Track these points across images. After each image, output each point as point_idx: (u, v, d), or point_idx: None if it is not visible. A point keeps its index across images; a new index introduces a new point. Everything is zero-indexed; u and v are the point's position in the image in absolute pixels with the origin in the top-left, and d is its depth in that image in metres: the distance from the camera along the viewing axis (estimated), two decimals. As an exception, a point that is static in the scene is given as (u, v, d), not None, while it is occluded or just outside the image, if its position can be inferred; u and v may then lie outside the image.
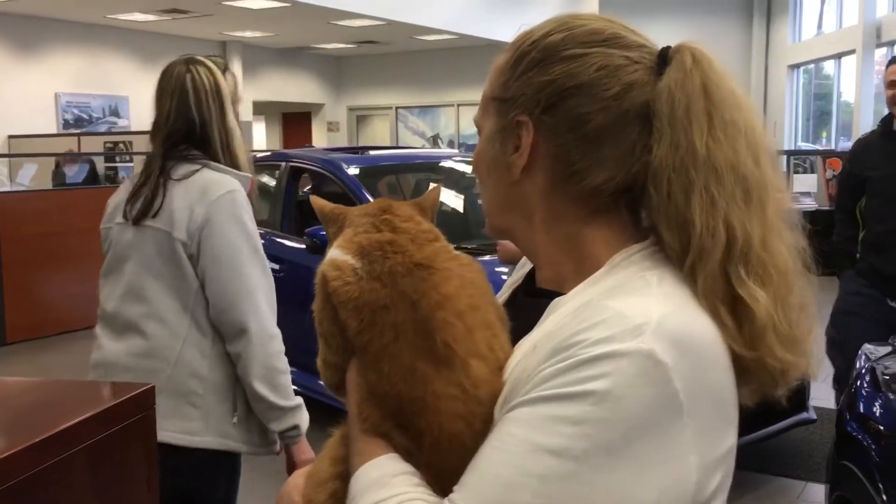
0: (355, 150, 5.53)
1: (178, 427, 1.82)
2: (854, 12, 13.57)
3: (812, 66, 15.82)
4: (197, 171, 1.86)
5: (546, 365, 0.70)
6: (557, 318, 0.75)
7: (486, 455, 0.71)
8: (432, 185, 0.92)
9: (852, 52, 13.59)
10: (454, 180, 5.38)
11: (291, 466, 1.95)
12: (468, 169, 5.43)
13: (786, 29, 16.37)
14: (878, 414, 1.81)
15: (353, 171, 4.61)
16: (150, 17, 11.49)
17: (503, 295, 0.94)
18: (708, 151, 0.75)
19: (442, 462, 0.75)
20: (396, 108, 15.89)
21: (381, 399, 0.79)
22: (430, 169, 5.43)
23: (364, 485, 0.76)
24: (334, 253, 0.84)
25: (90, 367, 1.98)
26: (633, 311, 0.69)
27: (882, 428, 1.76)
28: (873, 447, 1.74)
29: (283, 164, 5.09)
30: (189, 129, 1.88)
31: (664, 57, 0.79)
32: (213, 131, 1.89)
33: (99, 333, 1.97)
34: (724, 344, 0.73)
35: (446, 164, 5.52)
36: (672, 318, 0.70)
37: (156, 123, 1.93)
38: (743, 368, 0.74)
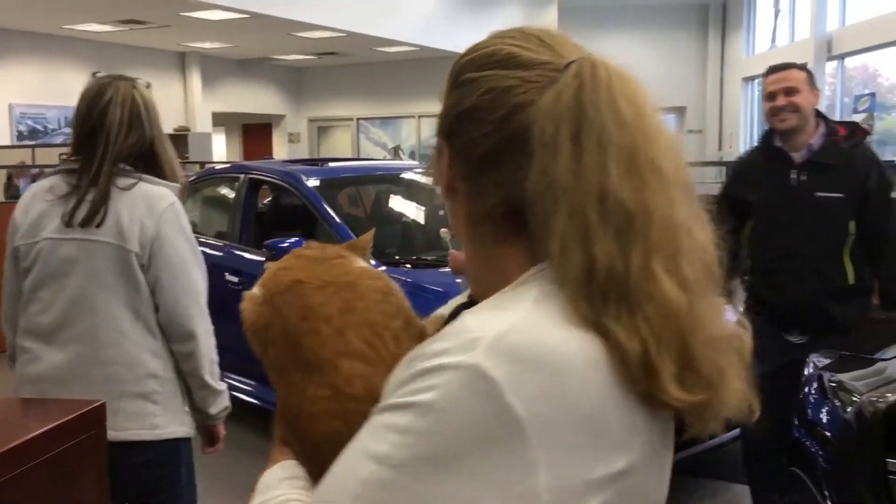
0: (315, 162, 5.51)
1: (143, 424, 1.98)
2: (806, 27, 13.90)
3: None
4: (135, 183, 1.98)
5: (401, 373, 0.71)
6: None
7: (340, 456, 0.72)
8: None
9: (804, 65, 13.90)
10: (414, 192, 5.40)
11: (215, 441, 2.23)
12: (429, 181, 5.46)
13: (740, 42, 16.70)
14: (824, 421, 1.85)
15: (312, 182, 4.61)
16: (108, 28, 11.36)
17: (447, 309, 0.96)
18: (572, 177, 0.71)
19: (328, 462, 0.75)
20: (358, 119, 15.88)
21: (280, 410, 0.85)
22: (390, 181, 5.43)
23: (258, 489, 0.81)
24: (255, 287, 0.91)
25: (27, 382, 2.01)
26: (476, 325, 0.69)
27: (829, 434, 1.81)
28: (820, 454, 1.78)
29: (242, 175, 5.07)
30: (142, 143, 2.02)
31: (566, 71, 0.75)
32: (162, 147, 2.07)
33: (32, 347, 2.01)
34: (609, 368, 0.69)
35: (406, 175, 5.53)
36: (520, 334, 0.68)
37: (104, 135, 2.00)
38: (650, 400, 0.71)
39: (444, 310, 0.96)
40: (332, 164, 5.24)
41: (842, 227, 2.94)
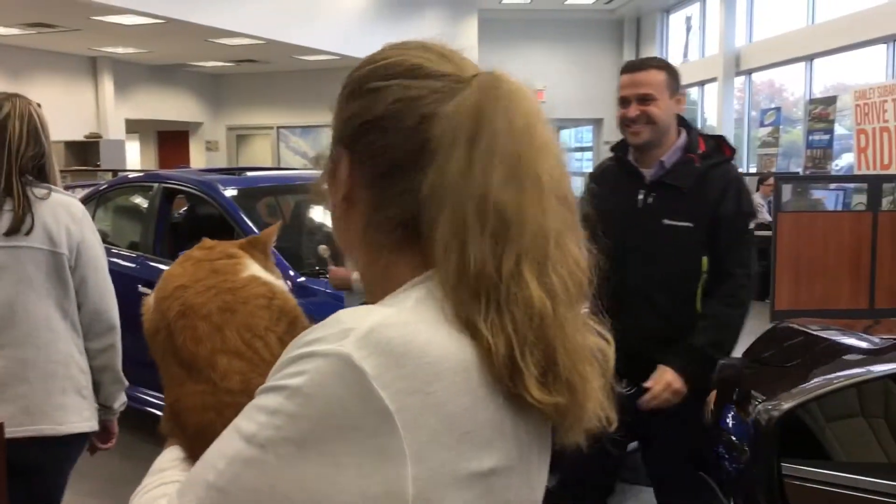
0: (232, 171, 5.42)
1: (80, 417, 2.16)
2: (716, 42, 14.41)
3: (679, 92, 16.65)
4: (48, 192, 2.13)
5: (278, 361, 0.73)
6: None
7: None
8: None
9: (714, 79, 14.41)
10: (334, 202, 5.37)
11: (110, 437, 2.37)
12: (318, 191, 5.42)
13: (654, 55, 17.20)
14: (731, 425, 1.91)
15: (230, 192, 4.53)
16: (14, 31, 10.94)
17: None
18: (461, 178, 0.73)
19: (203, 448, 0.78)
20: (278, 127, 15.71)
21: (167, 406, 0.91)
22: (309, 190, 5.38)
23: (150, 472, 0.86)
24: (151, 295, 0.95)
25: None
26: (351, 318, 0.71)
27: (734, 439, 1.87)
28: (726, 458, 1.84)
29: (156, 185, 4.95)
30: (39, 156, 2.16)
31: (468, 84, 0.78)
32: (51, 161, 2.21)
33: None
34: (478, 368, 0.72)
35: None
36: (393, 329, 0.70)
37: (6, 147, 2.10)
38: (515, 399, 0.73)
39: None
40: (249, 174, 5.15)
41: (693, 262, 2.38)
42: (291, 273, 4.03)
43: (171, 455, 0.86)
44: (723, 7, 13.90)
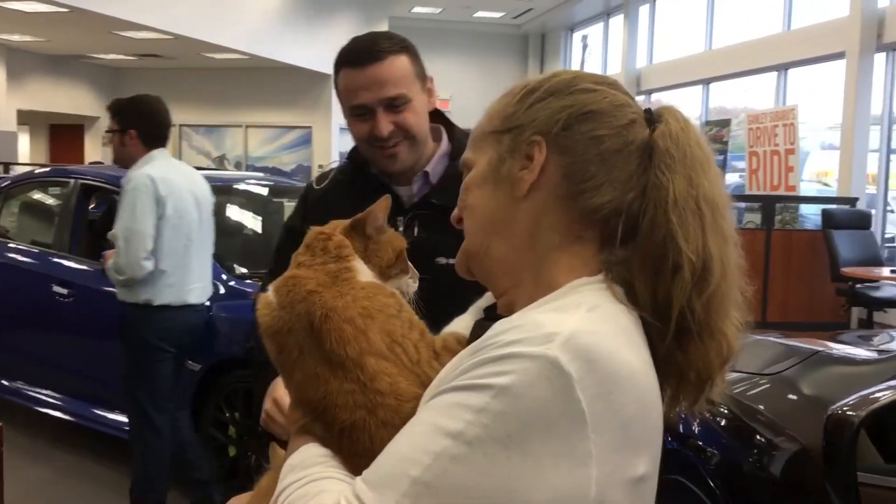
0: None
1: None
2: (618, 62, 14.93)
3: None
4: None
5: (464, 362, 0.77)
6: (490, 330, 0.81)
7: (398, 436, 0.78)
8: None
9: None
10: (259, 204, 5.30)
11: None
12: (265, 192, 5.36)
13: (558, 72, 17.67)
14: (696, 431, 2.01)
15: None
16: None
17: (458, 325, 1.02)
18: (712, 189, 0.87)
19: (352, 446, 0.85)
20: (181, 125, 15.28)
21: (300, 403, 0.92)
22: (235, 192, 5.29)
23: (288, 469, 0.86)
24: (269, 289, 0.98)
25: None
26: (549, 321, 0.76)
27: (700, 443, 1.98)
28: (699, 460, 1.94)
29: (72, 181, 4.76)
30: None
31: (650, 111, 0.92)
32: None
33: None
34: (650, 380, 0.80)
35: (250, 186, 5.42)
36: (587, 336, 0.75)
37: None
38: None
39: (456, 326, 1.01)
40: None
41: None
42: (224, 277, 3.97)
43: (314, 451, 0.87)
44: (625, 28, 14.43)
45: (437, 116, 1.73)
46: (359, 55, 1.60)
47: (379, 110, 1.59)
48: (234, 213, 5.29)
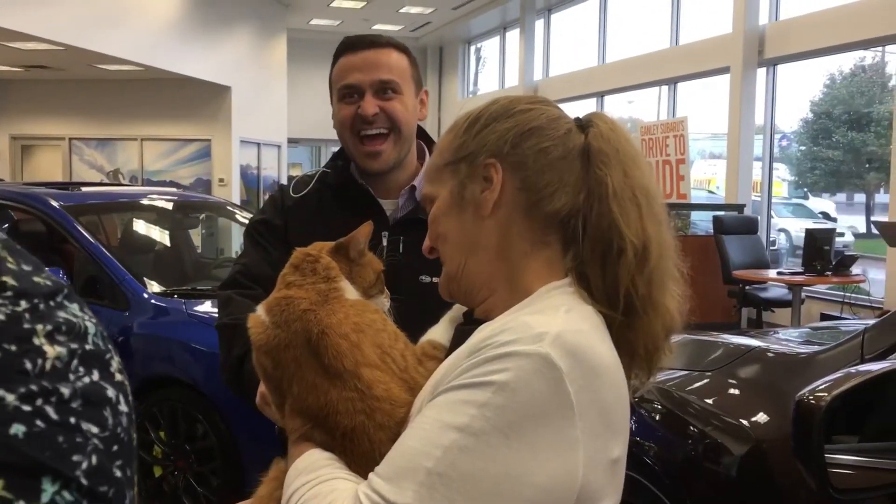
0: (65, 186, 5.12)
1: None
2: (515, 76, 15.31)
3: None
4: None
5: (463, 363, 0.85)
6: (478, 334, 0.91)
7: (405, 435, 0.86)
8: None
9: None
10: (176, 220, 5.21)
11: None
12: (169, 206, 5.28)
13: (456, 86, 17.94)
14: (633, 429, 2.14)
15: (63, 207, 4.30)
16: None
17: (440, 327, 1.10)
18: (644, 179, 0.98)
19: (354, 449, 0.93)
20: (70, 138, 14.71)
21: (299, 412, 0.98)
22: (149, 208, 5.19)
23: (295, 474, 0.92)
24: (258, 309, 1.05)
25: None
26: (537, 323, 0.86)
27: (638, 439, 2.12)
28: (646, 458, 2.07)
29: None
30: None
31: (580, 119, 1.02)
32: None
33: None
34: (623, 374, 0.91)
35: (164, 203, 5.33)
36: (571, 335, 0.85)
37: None
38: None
39: (431, 335, 1.09)
40: (85, 189, 4.90)
41: None
42: (145, 295, 3.91)
43: (318, 455, 0.93)
44: (522, 42, 14.81)
45: (421, 135, 1.71)
46: (359, 40, 1.61)
47: (368, 92, 1.56)
48: (143, 228, 5.19)
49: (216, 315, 1.64)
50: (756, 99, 9.50)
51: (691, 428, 2.03)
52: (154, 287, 4.05)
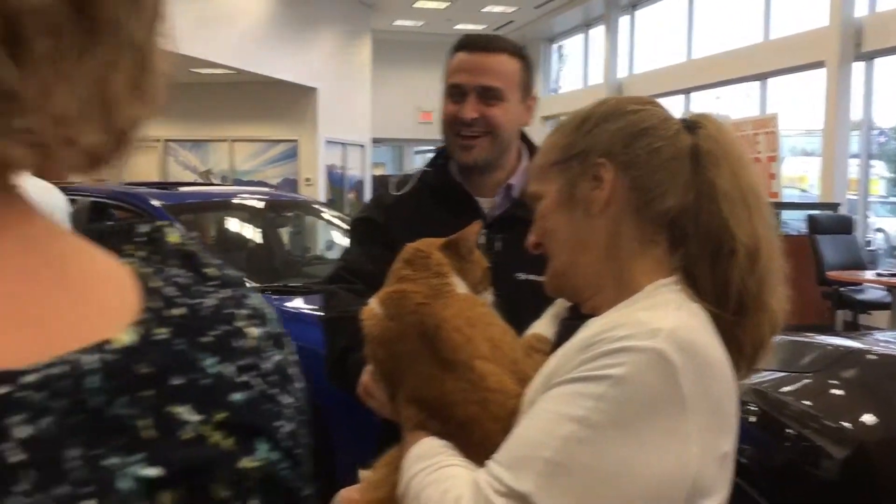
0: (164, 186, 5.34)
1: None
2: (599, 73, 15.15)
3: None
4: None
5: (577, 357, 0.88)
6: (590, 328, 0.94)
7: (521, 425, 0.89)
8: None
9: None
10: (265, 217, 5.37)
11: None
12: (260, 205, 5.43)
13: (538, 85, 17.87)
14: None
15: (163, 206, 4.49)
16: None
17: (543, 322, 1.14)
18: (752, 180, 1.00)
19: (467, 438, 0.97)
20: (166, 140, 15.29)
21: (413, 402, 1.02)
22: (231, 207, 5.36)
23: (412, 460, 0.96)
24: (371, 302, 1.09)
25: None
26: (651, 319, 0.88)
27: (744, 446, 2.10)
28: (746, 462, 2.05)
29: (81, 198, 4.82)
30: None
31: (686, 120, 1.04)
32: None
33: None
34: (731, 368, 0.92)
35: (250, 201, 5.50)
36: (684, 331, 0.87)
37: None
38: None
39: (536, 328, 1.12)
40: (183, 189, 5.10)
41: None
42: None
43: (434, 443, 0.97)
44: (606, 39, 14.64)
45: (520, 137, 1.75)
46: (475, 41, 1.67)
47: (471, 95, 1.62)
48: (236, 226, 5.36)
49: (307, 311, 1.72)
50: (852, 94, 9.16)
51: (788, 430, 2.00)
52: (248, 283, 4.19)
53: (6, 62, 0.31)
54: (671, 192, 0.98)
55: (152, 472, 0.35)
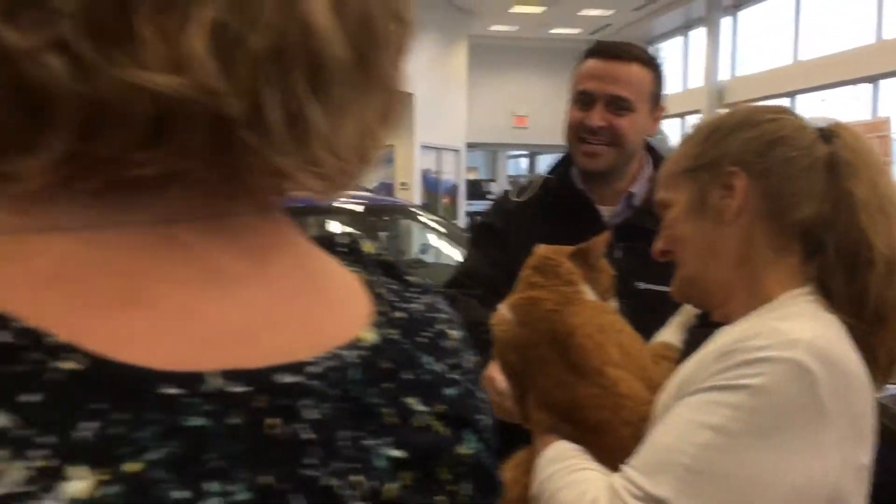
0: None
1: None
2: (700, 75, 14.83)
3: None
4: None
5: (713, 365, 0.88)
6: (724, 337, 0.93)
7: (656, 431, 0.89)
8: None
9: (697, 111, 14.79)
10: (365, 221, 5.48)
11: None
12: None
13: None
14: None
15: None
16: None
17: (670, 330, 1.15)
18: (890, 189, 0.97)
19: (599, 442, 0.97)
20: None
21: (545, 405, 1.03)
22: (332, 210, 5.47)
23: (545, 462, 0.97)
24: (500, 307, 1.11)
25: None
26: (789, 329, 0.88)
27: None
28: None
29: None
30: None
31: (822, 129, 1.02)
32: None
33: None
34: (869, 379, 0.90)
35: (350, 205, 5.61)
36: (822, 341, 0.87)
37: None
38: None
39: (662, 336, 1.13)
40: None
41: None
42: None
43: (567, 446, 0.99)
44: (708, 41, 14.33)
45: (644, 146, 1.73)
46: (609, 48, 1.65)
47: (599, 103, 1.61)
48: (338, 230, 5.48)
49: None
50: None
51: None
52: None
53: (316, 107, 0.36)
54: (806, 201, 0.97)
55: (398, 453, 0.39)
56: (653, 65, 1.65)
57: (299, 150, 0.36)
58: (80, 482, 0.29)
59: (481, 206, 16.28)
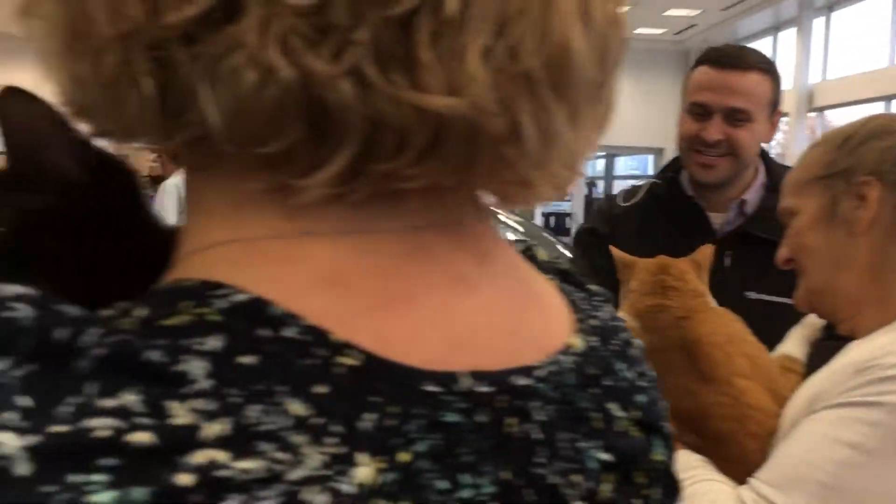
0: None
1: None
2: (789, 78, 14.42)
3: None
4: None
5: (847, 381, 0.86)
6: (857, 352, 0.91)
7: (787, 445, 0.88)
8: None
9: (785, 115, 14.39)
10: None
11: None
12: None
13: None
14: None
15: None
16: None
17: (792, 342, 1.13)
18: None
19: (723, 453, 0.96)
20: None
21: (670, 414, 0.99)
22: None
23: None
24: (621, 314, 1.07)
25: None
26: None
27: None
28: None
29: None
30: None
31: None
32: None
33: None
34: None
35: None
36: None
37: None
38: None
39: (784, 349, 1.12)
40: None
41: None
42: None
43: (690, 457, 0.99)
44: (798, 43, 13.91)
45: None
46: (725, 57, 1.57)
47: (717, 116, 1.55)
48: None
49: None
50: None
51: None
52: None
53: (565, 122, 0.37)
54: None
55: (606, 456, 0.41)
56: (771, 71, 1.59)
57: (548, 163, 0.38)
58: (365, 468, 0.31)
59: (558, 206, 16.17)
